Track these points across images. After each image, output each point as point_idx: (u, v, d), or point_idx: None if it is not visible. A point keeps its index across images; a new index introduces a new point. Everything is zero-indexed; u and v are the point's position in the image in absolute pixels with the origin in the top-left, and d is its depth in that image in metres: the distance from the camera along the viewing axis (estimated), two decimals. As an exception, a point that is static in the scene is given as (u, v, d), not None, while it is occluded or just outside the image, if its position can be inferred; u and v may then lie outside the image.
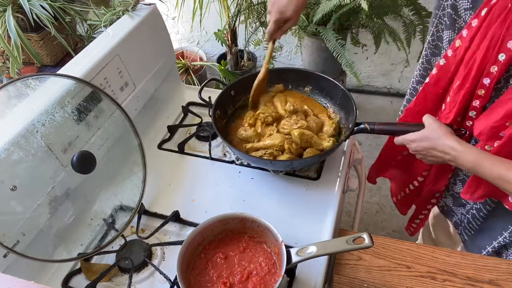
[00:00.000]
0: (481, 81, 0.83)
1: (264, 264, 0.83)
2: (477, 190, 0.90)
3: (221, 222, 0.85)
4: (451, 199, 1.10)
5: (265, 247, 0.86)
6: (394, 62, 2.53)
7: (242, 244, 0.87)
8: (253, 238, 0.87)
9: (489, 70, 0.80)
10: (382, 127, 0.99)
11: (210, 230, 0.85)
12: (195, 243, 0.84)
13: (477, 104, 0.86)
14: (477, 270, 0.87)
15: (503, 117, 0.78)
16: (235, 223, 0.86)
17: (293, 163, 1.02)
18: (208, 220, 0.84)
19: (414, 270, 0.88)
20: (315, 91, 1.22)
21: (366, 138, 2.42)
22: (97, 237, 0.95)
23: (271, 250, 0.85)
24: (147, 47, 1.19)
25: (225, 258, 0.84)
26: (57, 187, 0.86)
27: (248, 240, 0.87)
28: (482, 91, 0.84)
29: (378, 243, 0.93)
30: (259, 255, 0.85)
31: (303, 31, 2.03)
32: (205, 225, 0.84)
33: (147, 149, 1.02)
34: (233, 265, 0.83)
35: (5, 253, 0.77)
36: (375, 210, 2.08)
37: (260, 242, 0.87)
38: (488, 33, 0.79)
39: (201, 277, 0.82)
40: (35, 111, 0.82)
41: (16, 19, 1.26)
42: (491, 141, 0.83)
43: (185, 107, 1.30)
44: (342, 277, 0.88)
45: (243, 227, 0.87)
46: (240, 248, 0.86)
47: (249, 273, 0.81)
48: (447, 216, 1.17)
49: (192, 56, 2.55)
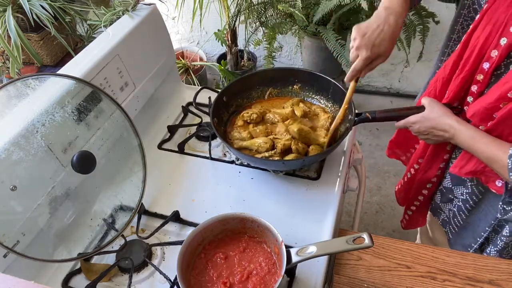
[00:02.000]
0: (481, 65, 0.82)
1: (264, 264, 0.83)
2: (467, 165, 0.90)
3: (221, 222, 0.85)
4: (439, 195, 1.10)
5: (265, 247, 0.86)
6: (394, 62, 2.53)
7: (242, 244, 0.86)
8: (253, 238, 0.87)
9: (489, 54, 0.80)
10: (383, 114, 1.00)
11: (210, 230, 0.85)
12: (195, 243, 0.84)
13: (475, 90, 0.86)
14: (477, 270, 0.87)
15: (498, 98, 0.78)
16: (235, 223, 0.86)
17: (305, 160, 1.02)
18: (208, 220, 0.84)
19: (414, 270, 0.88)
20: (304, 88, 1.20)
21: (366, 138, 2.42)
22: (97, 237, 0.95)
23: (271, 250, 0.85)
24: (147, 47, 1.19)
25: (225, 258, 0.84)
26: (57, 187, 0.86)
27: (248, 240, 0.87)
28: (481, 76, 0.83)
29: (378, 243, 0.93)
30: (259, 255, 0.84)
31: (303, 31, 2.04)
32: (205, 225, 0.84)
33: (147, 149, 1.02)
34: (233, 265, 0.83)
35: (5, 253, 0.77)
36: (375, 210, 2.08)
37: (260, 242, 0.86)
38: (493, 16, 0.78)
39: (201, 277, 0.82)
40: (35, 111, 0.82)
41: (16, 19, 1.26)
42: (484, 122, 0.83)
43: (185, 107, 1.30)
44: (342, 277, 0.88)
45: (243, 227, 0.87)
46: (240, 248, 0.86)
47: (249, 273, 0.81)
48: (435, 214, 1.17)
49: (192, 56, 2.55)
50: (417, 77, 2.57)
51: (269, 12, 2.06)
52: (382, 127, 2.47)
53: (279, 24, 2.00)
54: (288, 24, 2.01)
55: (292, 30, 2.06)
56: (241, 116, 1.13)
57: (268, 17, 2.06)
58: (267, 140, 1.05)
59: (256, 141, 1.06)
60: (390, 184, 2.18)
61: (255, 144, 1.05)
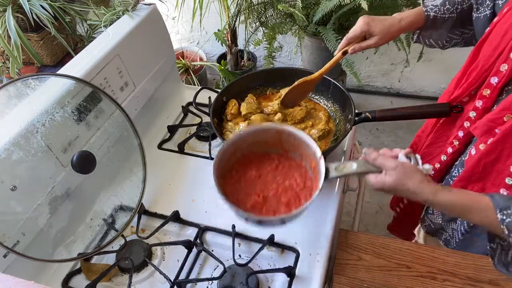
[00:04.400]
0: (488, 80, 0.79)
1: (299, 179, 0.81)
2: None
3: (255, 133, 0.82)
4: (439, 214, 1.04)
5: (300, 162, 0.83)
6: (394, 62, 2.53)
7: (275, 161, 0.84)
8: (288, 152, 0.85)
9: (498, 68, 0.76)
10: (383, 113, 1.00)
11: (243, 140, 0.82)
12: (228, 154, 0.81)
13: (480, 105, 0.83)
14: (477, 270, 0.87)
15: (502, 109, 0.75)
16: (271, 134, 0.83)
17: None
18: (243, 131, 0.82)
19: (414, 270, 0.88)
20: None
21: (366, 138, 2.42)
22: (97, 237, 0.95)
23: (306, 164, 0.82)
24: (147, 47, 1.19)
25: (259, 175, 0.82)
26: (57, 187, 0.86)
27: (281, 157, 0.85)
28: (488, 91, 0.79)
29: (378, 243, 0.93)
30: (294, 171, 0.82)
31: (303, 31, 2.03)
32: (238, 137, 0.81)
33: (147, 149, 1.02)
34: (267, 181, 0.81)
35: (5, 253, 0.77)
36: (375, 210, 2.08)
37: (295, 157, 0.84)
38: (502, 28, 0.76)
39: (236, 187, 0.80)
40: (35, 111, 0.82)
41: (16, 19, 1.26)
42: (485, 137, 0.79)
43: (185, 107, 1.30)
44: (342, 277, 0.88)
45: (279, 140, 0.83)
46: (273, 164, 0.84)
47: (284, 188, 0.80)
48: (435, 235, 1.09)
49: (192, 56, 2.55)
50: (417, 77, 2.57)
51: (269, 12, 2.06)
52: (382, 127, 2.47)
53: (279, 24, 2.00)
54: (288, 24, 2.01)
55: (292, 30, 2.06)
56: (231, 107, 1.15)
57: (268, 17, 2.06)
58: None
59: None
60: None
61: None
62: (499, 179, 0.78)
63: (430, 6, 0.97)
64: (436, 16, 0.96)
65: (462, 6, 0.94)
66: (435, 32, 0.99)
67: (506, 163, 0.76)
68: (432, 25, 0.97)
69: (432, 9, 0.96)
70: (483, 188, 0.83)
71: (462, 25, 0.97)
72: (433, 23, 0.97)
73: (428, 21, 0.97)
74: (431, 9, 0.96)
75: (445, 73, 2.46)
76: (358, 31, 0.95)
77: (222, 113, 1.17)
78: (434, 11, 0.96)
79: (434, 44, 1.01)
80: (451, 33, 0.98)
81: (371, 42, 0.95)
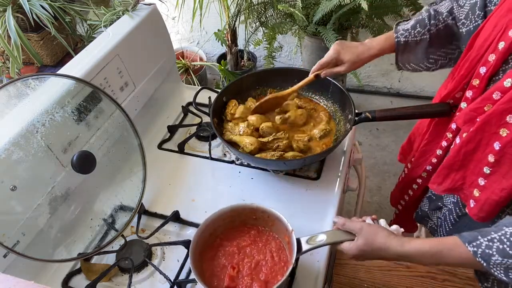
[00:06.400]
0: (477, 70, 0.80)
1: (275, 254, 0.84)
2: (444, 182, 0.88)
3: (232, 212, 0.86)
4: (427, 202, 1.06)
5: (275, 237, 0.87)
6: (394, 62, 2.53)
7: (252, 234, 0.88)
8: (263, 228, 0.88)
9: (487, 58, 0.77)
10: (382, 113, 1.01)
11: (221, 220, 0.87)
12: (207, 233, 0.85)
13: (470, 95, 0.83)
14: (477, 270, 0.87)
15: (483, 99, 0.76)
16: (245, 213, 0.87)
17: (306, 159, 1.02)
18: (220, 211, 0.85)
19: (414, 270, 0.88)
20: (304, 88, 1.20)
21: (366, 138, 2.42)
22: (97, 237, 0.95)
23: (281, 239, 0.86)
24: (147, 47, 1.19)
25: (236, 248, 0.85)
26: (57, 187, 0.86)
27: (258, 231, 0.88)
28: (477, 81, 0.81)
29: (378, 243, 0.93)
30: (270, 245, 0.86)
31: (303, 31, 2.03)
32: (216, 215, 0.85)
33: (147, 149, 1.02)
34: (244, 254, 0.85)
35: (5, 253, 0.77)
36: (375, 210, 2.08)
37: (270, 232, 0.88)
38: (494, 20, 0.76)
39: (213, 262, 0.84)
40: (35, 111, 0.82)
41: (16, 19, 1.26)
42: (467, 126, 0.80)
43: (185, 107, 1.30)
44: (342, 277, 0.88)
45: (254, 217, 0.88)
46: (250, 238, 0.87)
47: (258, 262, 0.83)
48: (421, 222, 1.12)
49: (192, 56, 2.55)
50: (417, 77, 2.57)
51: (269, 12, 2.06)
52: (382, 127, 2.47)
53: (279, 24, 2.00)
54: (288, 24, 2.01)
55: (292, 30, 2.06)
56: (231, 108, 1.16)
57: (268, 17, 2.06)
58: (253, 142, 1.05)
59: (244, 140, 1.06)
60: (390, 184, 2.18)
61: (242, 142, 1.06)
62: (478, 168, 0.79)
63: (401, 32, 0.97)
64: (407, 41, 0.96)
65: (437, 27, 0.94)
66: (412, 56, 0.99)
67: (485, 152, 0.76)
68: (406, 49, 0.98)
69: (402, 34, 0.96)
70: (463, 177, 0.83)
71: (443, 45, 0.96)
72: (405, 48, 0.98)
73: (399, 46, 0.98)
74: (401, 34, 0.97)
75: (445, 73, 2.46)
76: (329, 58, 1.02)
77: (222, 113, 1.17)
78: (405, 36, 0.96)
79: (417, 68, 1.01)
80: (433, 54, 0.97)
81: (341, 69, 1.02)
